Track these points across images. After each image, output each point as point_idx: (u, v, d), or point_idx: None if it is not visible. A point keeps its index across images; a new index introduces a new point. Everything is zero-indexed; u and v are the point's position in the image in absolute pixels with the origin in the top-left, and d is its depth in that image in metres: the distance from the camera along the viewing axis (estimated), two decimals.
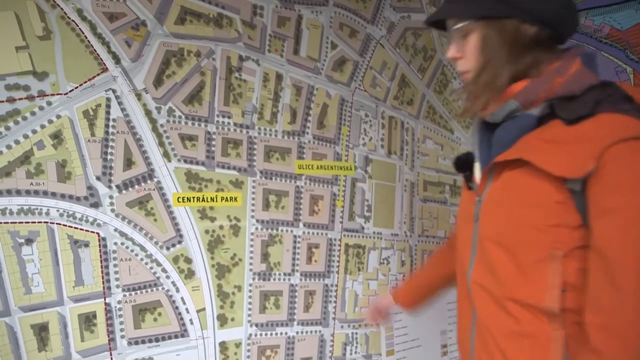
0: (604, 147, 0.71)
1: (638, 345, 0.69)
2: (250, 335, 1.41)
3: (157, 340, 1.26)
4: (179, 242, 1.30)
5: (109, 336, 1.20)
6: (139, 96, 1.27)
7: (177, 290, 1.30)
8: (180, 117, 1.32)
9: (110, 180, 1.22)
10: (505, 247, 0.82)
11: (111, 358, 1.20)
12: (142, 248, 1.25)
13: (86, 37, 1.20)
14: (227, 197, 1.38)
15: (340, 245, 1.61)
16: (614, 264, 0.71)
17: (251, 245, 1.42)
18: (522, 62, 0.81)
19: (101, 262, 1.20)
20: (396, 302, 1.34)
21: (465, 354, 0.98)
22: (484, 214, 0.87)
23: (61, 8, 1.17)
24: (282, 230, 1.49)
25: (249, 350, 1.40)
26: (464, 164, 0.96)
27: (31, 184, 1.12)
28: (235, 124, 1.41)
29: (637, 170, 0.70)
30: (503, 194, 0.83)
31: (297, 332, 1.50)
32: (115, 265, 1.21)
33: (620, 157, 0.70)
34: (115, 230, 1.22)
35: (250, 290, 1.42)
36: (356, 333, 1.63)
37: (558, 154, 0.75)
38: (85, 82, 1.20)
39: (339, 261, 1.60)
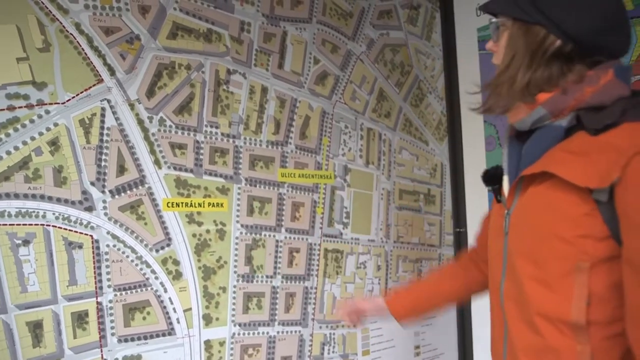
0: (629, 156, 0.69)
1: None
2: (234, 334, 1.48)
3: (145, 338, 1.33)
4: (168, 245, 1.37)
5: (100, 333, 1.26)
6: (132, 106, 1.34)
7: (165, 290, 1.36)
8: (170, 126, 1.39)
9: (104, 186, 1.28)
10: (532, 261, 0.81)
11: (102, 355, 1.26)
12: (133, 250, 1.32)
13: (83, 50, 1.27)
14: (213, 203, 1.46)
15: (319, 250, 1.69)
16: None
17: (236, 249, 1.50)
18: (542, 72, 0.80)
19: (94, 263, 1.26)
20: (391, 311, 1.23)
21: None
22: (513, 227, 0.87)
23: (60, 22, 1.24)
24: (265, 235, 1.57)
25: (232, 349, 1.48)
26: (492, 178, 0.95)
27: (29, 188, 1.18)
28: (222, 134, 1.49)
29: None
30: (530, 207, 0.83)
31: (278, 332, 1.58)
32: (107, 266, 1.28)
33: None
34: (108, 233, 1.28)
35: (234, 292, 1.49)
36: (334, 333, 1.71)
37: (582, 165, 0.74)
38: (82, 92, 1.26)
39: (318, 265, 1.69)
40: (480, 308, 2.01)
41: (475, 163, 2.04)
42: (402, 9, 2.02)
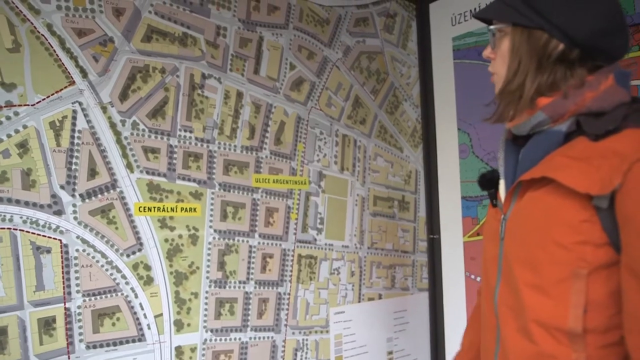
0: (631, 161, 0.68)
1: None
2: (206, 340, 1.47)
3: (114, 344, 1.31)
4: (139, 250, 1.36)
5: (67, 340, 1.23)
6: (104, 109, 1.32)
7: (136, 296, 1.35)
8: (144, 130, 1.38)
9: (74, 189, 1.26)
10: (529, 267, 0.80)
11: None
12: (103, 255, 1.30)
13: (55, 51, 1.25)
14: (186, 208, 1.45)
15: (293, 256, 1.69)
16: None
17: (208, 254, 1.49)
18: (547, 76, 0.80)
19: (62, 268, 1.24)
20: None
21: None
22: (509, 232, 0.85)
23: (31, 22, 1.22)
24: (238, 240, 1.56)
25: (203, 355, 1.46)
26: (488, 182, 0.95)
27: None
28: (196, 138, 1.48)
29: None
30: (527, 212, 0.81)
31: (251, 338, 1.57)
32: (76, 271, 1.25)
33: None
34: (78, 237, 1.26)
35: (206, 297, 1.48)
36: (307, 339, 1.71)
37: (583, 171, 0.73)
38: (53, 94, 1.24)
39: (291, 271, 1.69)
40: (453, 313, 2.03)
41: (449, 170, 2.07)
42: (379, 17, 2.04)
